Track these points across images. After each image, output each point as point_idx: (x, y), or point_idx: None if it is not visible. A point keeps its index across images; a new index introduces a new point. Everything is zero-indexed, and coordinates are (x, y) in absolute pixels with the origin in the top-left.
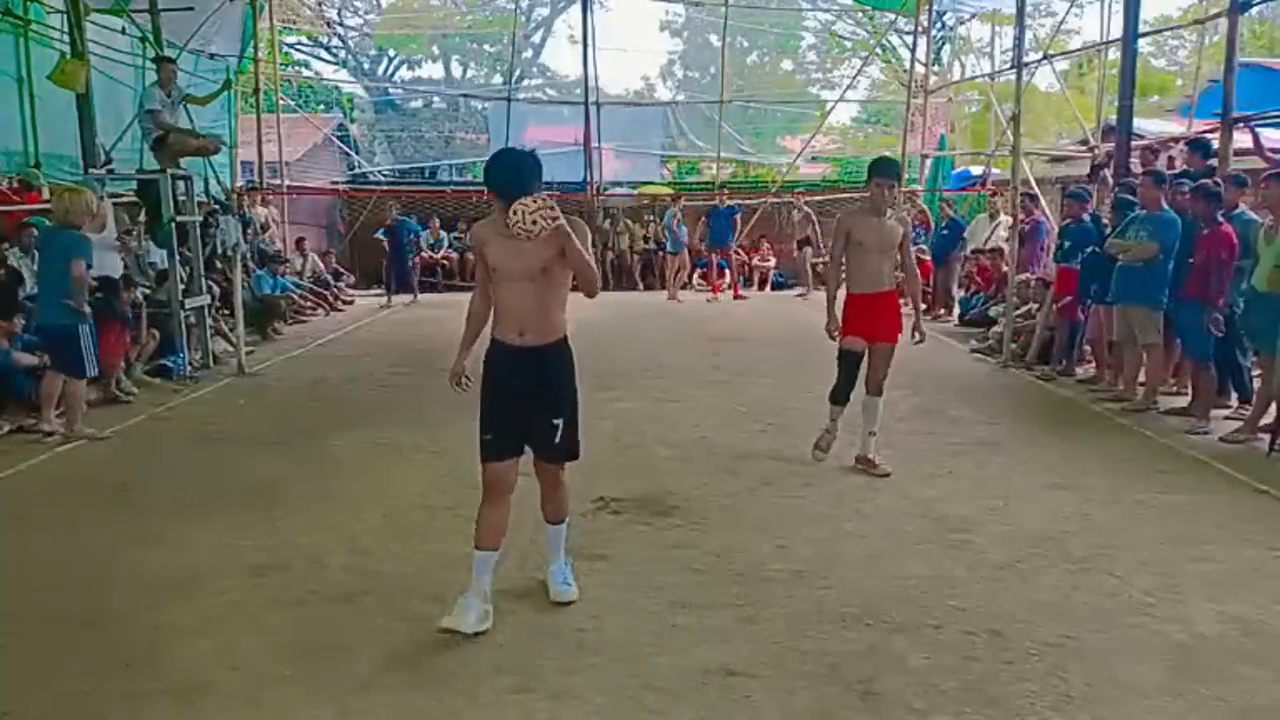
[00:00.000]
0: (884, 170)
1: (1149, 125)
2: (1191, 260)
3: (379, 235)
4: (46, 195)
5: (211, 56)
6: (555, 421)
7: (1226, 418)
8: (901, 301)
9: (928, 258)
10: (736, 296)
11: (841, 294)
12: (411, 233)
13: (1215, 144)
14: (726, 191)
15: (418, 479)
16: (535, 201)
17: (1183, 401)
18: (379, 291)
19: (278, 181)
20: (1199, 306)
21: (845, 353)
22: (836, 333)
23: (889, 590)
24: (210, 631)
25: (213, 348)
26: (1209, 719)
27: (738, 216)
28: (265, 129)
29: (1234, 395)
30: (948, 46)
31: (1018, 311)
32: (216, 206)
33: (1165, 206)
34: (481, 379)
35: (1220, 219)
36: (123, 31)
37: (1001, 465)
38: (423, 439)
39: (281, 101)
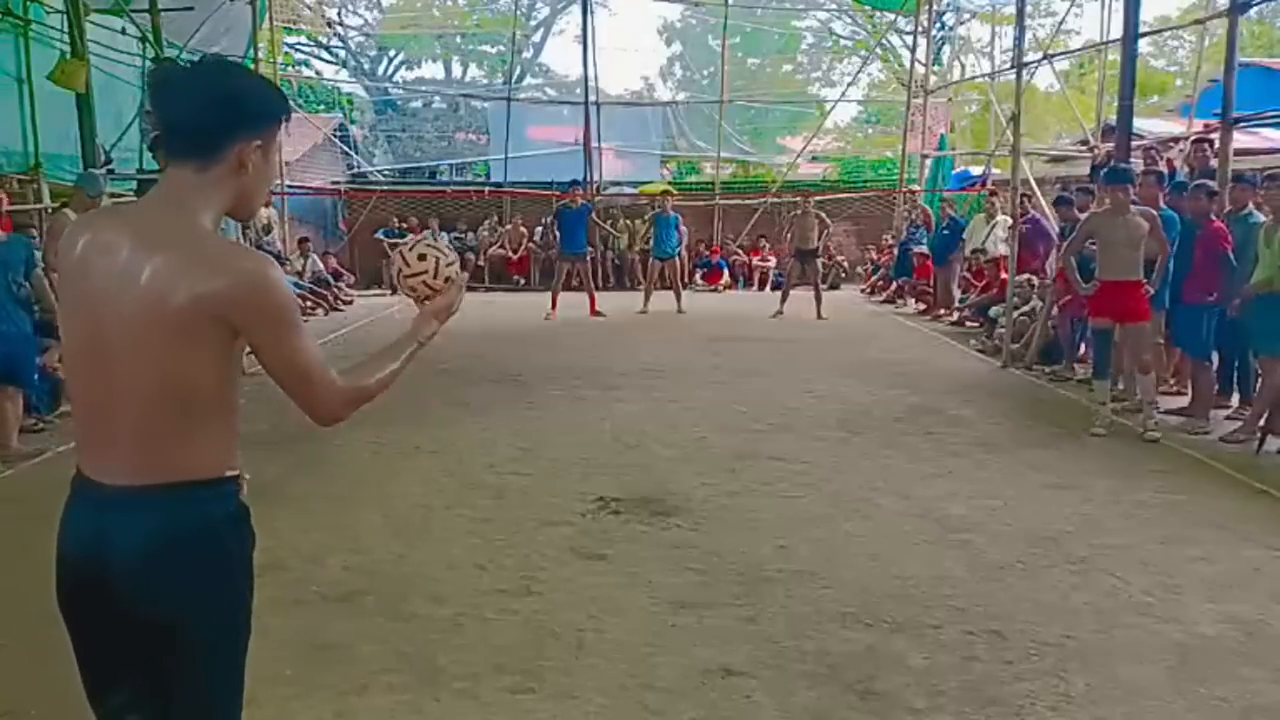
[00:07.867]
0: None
1: (1149, 125)
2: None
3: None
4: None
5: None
6: None
7: (1227, 418)
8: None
9: (928, 257)
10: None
11: None
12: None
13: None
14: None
15: (418, 479)
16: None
17: (1183, 401)
18: (378, 291)
19: (277, 181)
20: (1198, 308)
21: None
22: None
23: (889, 590)
24: None
25: None
26: (1209, 719)
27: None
28: None
29: (1235, 395)
30: (948, 46)
31: (1018, 311)
32: None
33: (1164, 206)
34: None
35: (1213, 216)
36: (123, 31)
37: (1001, 465)
38: (423, 439)
39: None
